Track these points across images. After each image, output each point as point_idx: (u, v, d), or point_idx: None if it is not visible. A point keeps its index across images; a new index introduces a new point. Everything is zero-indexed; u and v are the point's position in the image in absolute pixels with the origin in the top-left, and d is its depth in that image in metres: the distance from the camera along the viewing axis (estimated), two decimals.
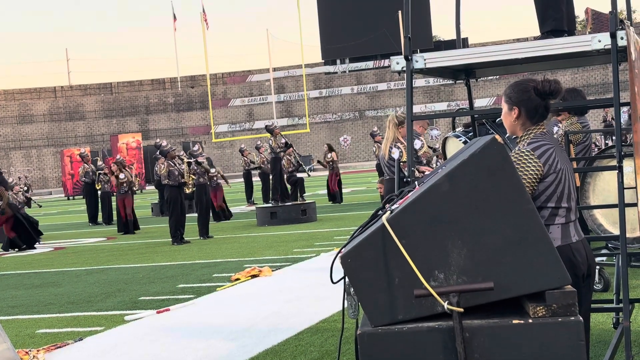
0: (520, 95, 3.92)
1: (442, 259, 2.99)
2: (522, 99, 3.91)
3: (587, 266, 3.92)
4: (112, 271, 13.11)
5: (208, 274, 11.72)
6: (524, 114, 3.92)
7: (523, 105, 3.91)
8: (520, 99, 3.92)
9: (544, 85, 3.86)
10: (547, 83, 3.87)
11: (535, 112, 3.90)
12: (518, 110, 3.93)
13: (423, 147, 9.61)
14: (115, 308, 9.56)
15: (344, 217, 19.69)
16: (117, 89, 74.11)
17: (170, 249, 15.85)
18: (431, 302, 2.97)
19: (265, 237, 16.47)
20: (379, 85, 67.89)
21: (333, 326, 7.56)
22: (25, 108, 70.68)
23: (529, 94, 3.89)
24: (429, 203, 3.02)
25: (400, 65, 5.01)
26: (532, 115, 3.91)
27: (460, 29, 6.01)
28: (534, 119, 3.92)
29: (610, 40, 4.54)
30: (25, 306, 10.25)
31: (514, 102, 3.94)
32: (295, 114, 68.44)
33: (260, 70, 72.07)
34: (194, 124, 69.65)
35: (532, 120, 3.92)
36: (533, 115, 3.91)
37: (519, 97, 3.92)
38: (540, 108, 3.90)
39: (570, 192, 3.89)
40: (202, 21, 53.41)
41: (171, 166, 17.21)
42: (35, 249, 18.24)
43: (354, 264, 3.06)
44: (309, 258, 12.55)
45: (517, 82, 3.97)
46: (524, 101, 3.91)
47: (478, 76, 5.99)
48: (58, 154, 61.98)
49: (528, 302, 2.98)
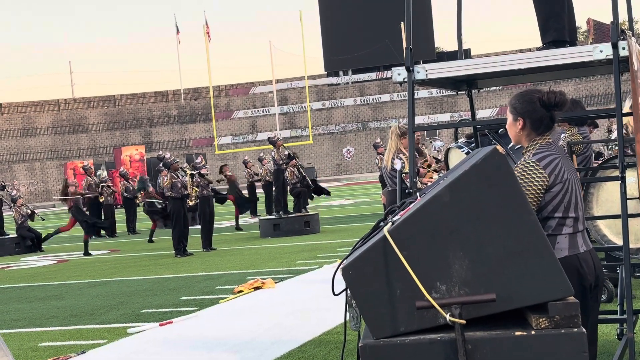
0: (526, 106, 3.91)
1: (443, 271, 2.98)
2: (527, 109, 3.90)
3: (594, 277, 3.88)
4: (114, 284, 13.09)
5: (211, 286, 11.70)
6: (529, 125, 3.91)
7: (528, 116, 3.90)
8: (525, 110, 3.91)
9: (549, 96, 3.85)
10: (552, 94, 3.85)
11: (540, 123, 3.89)
12: (523, 121, 3.92)
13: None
14: (118, 321, 9.54)
15: (347, 229, 19.66)
16: (120, 101, 74.26)
17: (173, 261, 15.83)
18: (433, 313, 2.96)
19: (268, 249, 16.45)
20: (382, 97, 67.95)
21: (336, 338, 7.53)
22: (29, 121, 70.83)
23: (534, 105, 3.88)
24: (430, 214, 3.01)
25: (402, 76, 5.01)
26: (537, 126, 3.90)
27: (463, 40, 6.01)
28: (539, 130, 3.91)
29: (612, 50, 4.53)
30: (27, 319, 10.23)
31: (519, 113, 3.93)
32: (298, 125, 68.49)
33: (263, 82, 72.20)
34: (197, 136, 69.74)
35: (537, 131, 3.91)
36: (538, 126, 3.90)
37: (524, 108, 3.91)
38: (546, 119, 3.89)
39: (578, 202, 3.87)
40: (205, 34, 53.59)
41: (174, 178, 17.10)
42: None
43: (355, 275, 3.05)
44: (312, 270, 12.52)
45: (523, 93, 3.96)
46: (529, 112, 3.90)
47: (480, 87, 5.99)
48: (61, 166, 62.06)
49: (530, 313, 2.96)
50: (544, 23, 5.15)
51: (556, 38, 5.05)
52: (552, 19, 5.10)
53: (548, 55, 4.79)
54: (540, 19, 5.18)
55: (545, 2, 5.14)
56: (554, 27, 5.07)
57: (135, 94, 74.87)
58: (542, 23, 5.17)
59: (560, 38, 5.06)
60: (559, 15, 5.10)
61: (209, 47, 54.22)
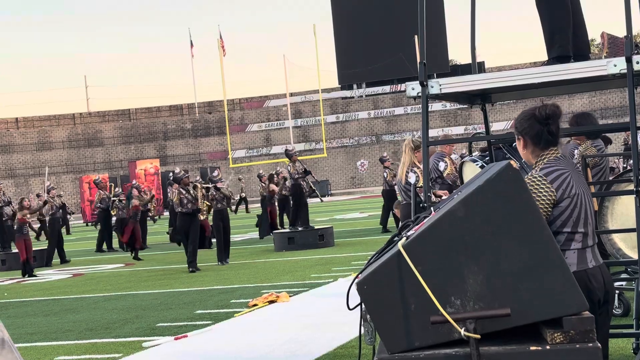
0: (522, 124, 4.00)
1: (458, 285, 2.98)
2: (524, 127, 3.99)
3: (604, 292, 3.87)
4: (130, 297, 13.12)
5: (225, 300, 11.72)
6: (529, 142, 3.97)
7: (525, 133, 3.97)
8: (523, 128, 3.99)
9: (540, 111, 3.92)
10: (542, 108, 3.92)
11: (539, 138, 3.93)
12: (523, 139, 3.99)
13: (447, 167, 9.58)
14: (133, 335, 9.56)
15: (362, 242, 19.64)
16: (135, 115, 74.54)
17: (187, 275, 15.86)
18: (448, 328, 2.96)
19: (282, 263, 16.46)
20: (396, 110, 67.92)
21: (350, 352, 7.53)
22: (45, 135, 71.19)
23: (529, 121, 3.95)
24: (444, 229, 3.02)
25: (416, 90, 5.03)
26: (537, 141, 3.94)
27: (477, 53, 6.03)
28: (540, 145, 3.95)
29: (626, 64, 4.54)
30: (43, 333, 10.27)
31: (519, 132, 4.02)
32: (312, 138, 68.54)
33: (278, 96, 72.30)
34: (211, 149, 69.88)
35: (539, 146, 3.95)
36: (538, 142, 3.94)
37: (522, 126, 4.00)
38: (544, 134, 3.92)
39: (587, 217, 3.87)
40: (219, 47, 53.76)
41: (182, 193, 16.84)
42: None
43: (370, 290, 3.06)
44: (327, 283, 12.52)
45: (523, 112, 4.06)
46: (526, 129, 3.97)
47: (494, 101, 6.00)
48: (77, 180, 62.27)
49: (545, 328, 2.96)
50: (550, 38, 5.17)
51: (560, 54, 5.07)
52: (557, 34, 5.12)
53: (561, 70, 4.80)
54: (547, 33, 5.20)
55: (550, 17, 5.16)
56: (559, 43, 5.09)
57: (150, 108, 75.13)
58: (548, 38, 5.19)
59: (564, 54, 5.08)
60: (564, 30, 5.11)
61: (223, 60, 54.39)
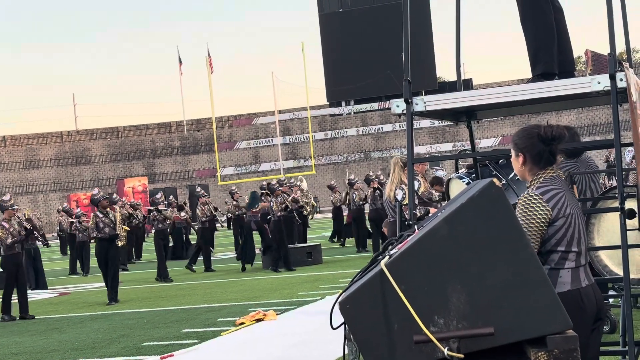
0: (525, 141, 3.96)
1: (441, 304, 2.96)
2: (526, 145, 3.95)
3: (596, 311, 3.88)
4: (116, 316, 13.04)
5: (212, 319, 11.65)
6: (529, 160, 3.95)
7: (527, 151, 3.94)
8: (524, 146, 3.95)
9: (546, 131, 3.89)
10: (549, 129, 3.88)
11: (540, 157, 3.92)
12: (523, 156, 3.96)
13: (421, 186, 9.60)
14: (119, 354, 9.48)
15: (350, 260, 19.61)
16: (123, 133, 74.42)
17: (174, 293, 15.78)
18: (431, 348, 2.94)
19: (270, 280, 16.40)
20: (384, 127, 68.05)
21: None
22: (32, 153, 70.98)
23: (533, 140, 3.92)
24: (427, 247, 3.00)
25: (401, 108, 5.02)
26: (537, 160, 3.93)
27: (463, 70, 6.04)
28: (540, 164, 3.94)
29: (609, 82, 4.54)
30: (28, 353, 10.18)
31: (520, 149, 3.98)
32: (300, 155, 68.57)
33: (266, 113, 72.35)
34: (200, 167, 69.81)
35: (538, 165, 3.94)
36: (538, 161, 3.93)
37: (524, 143, 3.96)
38: (545, 154, 3.91)
39: (581, 236, 3.88)
40: (208, 65, 53.83)
41: (98, 217, 15.24)
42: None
43: (352, 310, 3.03)
44: (314, 301, 12.47)
45: (524, 129, 4.01)
46: (528, 147, 3.94)
47: (479, 118, 5.99)
48: (64, 198, 62.07)
49: (529, 347, 2.94)
50: (534, 55, 5.16)
51: (545, 70, 5.06)
52: (541, 50, 5.11)
53: (546, 87, 4.80)
54: (531, 51, 5.20)
55: (535, 34, 5.16)
56: (544, 60, 5.09)
57: (138, 126, 75.04)
58: (532, 55, 5.19)
59: (549, 70, 5.07)
60: (549, 47, 5.11)
61: (211, 78, 54.44)
